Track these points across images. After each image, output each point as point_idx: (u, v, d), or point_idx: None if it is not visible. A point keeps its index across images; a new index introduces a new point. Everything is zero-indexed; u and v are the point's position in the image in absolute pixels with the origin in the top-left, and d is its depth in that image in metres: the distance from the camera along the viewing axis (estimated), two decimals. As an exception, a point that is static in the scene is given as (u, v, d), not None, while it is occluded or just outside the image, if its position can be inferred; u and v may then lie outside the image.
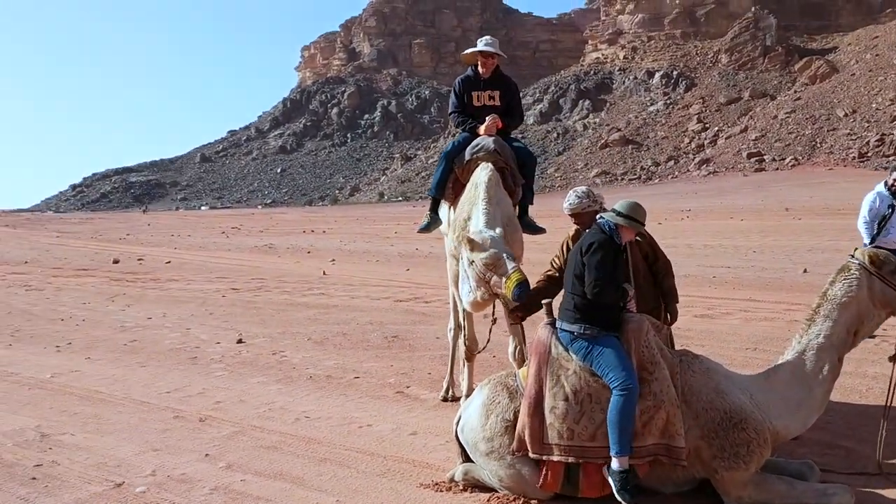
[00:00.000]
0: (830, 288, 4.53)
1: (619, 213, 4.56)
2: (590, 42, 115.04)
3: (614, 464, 4.33)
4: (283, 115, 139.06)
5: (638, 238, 5.16)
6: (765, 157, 78.64)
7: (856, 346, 4.56)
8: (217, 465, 5.50)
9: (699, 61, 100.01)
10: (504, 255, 5.24)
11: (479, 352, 6.26)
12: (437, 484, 4.92)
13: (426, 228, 7.21)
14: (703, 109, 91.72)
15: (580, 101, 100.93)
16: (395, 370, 8.19)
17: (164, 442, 6.07)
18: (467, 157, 6.67)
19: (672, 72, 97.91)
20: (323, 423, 6.43)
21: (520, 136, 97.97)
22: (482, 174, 6.38)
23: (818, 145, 77.02)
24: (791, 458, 4.79)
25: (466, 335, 6.67)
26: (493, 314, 5.90)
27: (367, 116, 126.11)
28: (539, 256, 8.92)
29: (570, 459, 4.43)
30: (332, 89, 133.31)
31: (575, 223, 5.36)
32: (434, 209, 7.16)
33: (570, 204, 5.30)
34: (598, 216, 4.74)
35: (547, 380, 4.56)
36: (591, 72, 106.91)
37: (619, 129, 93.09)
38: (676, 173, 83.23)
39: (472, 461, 4.91)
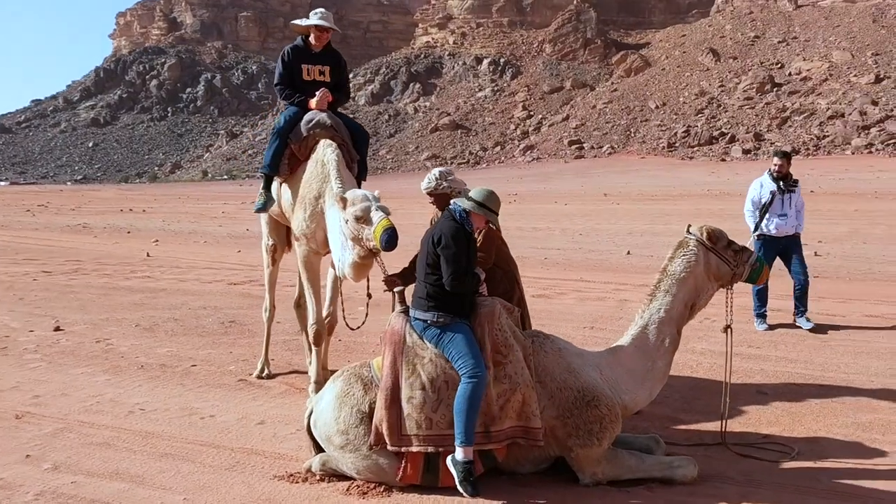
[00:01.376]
0: (670, 264, 4.70)
1: (470, 199, 4.48)
2: (420, 25, 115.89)
3: (458, 454, 4.26)
4: (96, 86, 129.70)
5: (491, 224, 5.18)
6: (584, 144, 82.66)
7: (692, 319, 4.77)
8: (41, 466, 4.97)
9: (525, 50, 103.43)
10: (373, 205, 5.11)
11: (356, 328, 6.02)
12: (291, 475, 4.69)
13: (263, 208, 6.91)
14: (528, 97, 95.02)
15: (411, 84, 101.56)
16: (235, 357, 7.80)
17: (-26, 444, 5.41)
18: (304, 132, 6.51)
19: (499, 59, 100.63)
20: (160, 416, 5.98)
21: (351, 115, 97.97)
22: (328, 152, 6.27)
23: (632, 135, 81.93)
24: (637, 434, 4.98)
25: (314, 314, 6.46)
26: (368, 289, 5.72)
27: (189, 90, 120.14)
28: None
29: (430, 449, 4.34)
30: (150, 60, 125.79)
31: (431, 202, 5.39)
32: (268, 187, 6.89)
33: (424, 184, 5.36)
34: (451, 201, 4.63)
35: (403, 369, 4.44)
36: (422, 55, 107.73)
37: (449, 114, 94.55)
38: (503, 158, 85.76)
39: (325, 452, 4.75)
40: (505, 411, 4.36)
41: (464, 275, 4.34)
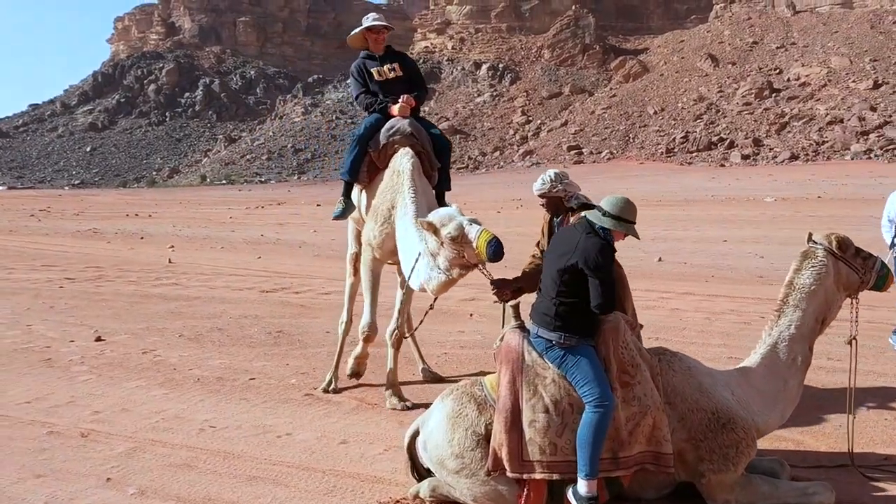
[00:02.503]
0: (797, 277, 4.42)
1: (607, 215, 4.14)
2: (419, 30, 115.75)
3: (581, 487, 4.00)
4: (94, 90, 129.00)
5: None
6: (583, 150, 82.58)
7: (822, 333, 4.52)
8: (126, 491, 4.70)
9: (524, 55, 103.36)
10: (464, 221, 4.90)
11: (409, 335, 5.90)
12: (398, 501, 4.44)
13: (342, 215, 6.81)
14: (527, 102, 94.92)
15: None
16: (294, 369, 7.53)
17: (46, 465, 5.14)
18: (383, 140, 6.41)
19: (498, 64, 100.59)
20: (234, 434, 5.72)
21: (349, 121, 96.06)
22: (404, 161, 6.17)
23: (631, 140, 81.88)
24: (759, 456, 4.74)
25: (368, 316, 6.52)
26: (434, 301, 5.49)
27: (187, 95, 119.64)
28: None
29: (555, 476, 4.07)
30: (149, 64, 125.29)
31: (543, 205, 5.21)
32: (347, 194, 6.77)
33: (538, 185, 5.13)
34: (584, 215, 4.31)
35: (523, 390, 4.16)
36: (421, 60, 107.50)
37: (448, 119, 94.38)
38: (502, 163, 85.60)
39: (425, 476, 4.50)
40: (634, 436, 4.10)
41: (614, 296, 4.10)
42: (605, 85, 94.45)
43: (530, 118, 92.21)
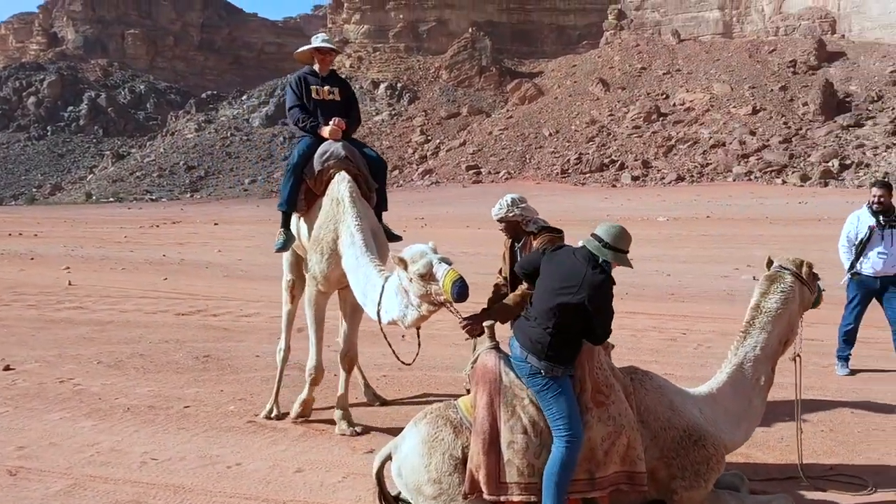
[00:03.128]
0: (764, 300, 4.59)
1: (608, 247, 4.11)
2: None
3: None
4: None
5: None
6: (482, 169, 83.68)
7: (783, 354, 4.70)
8: (74, 531, 4.41)
9: (422, 76, 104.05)
10: (434, 259, 4.82)
11: (409, 363, 5.74)
12: (371, 530, 4.34)
13: (284, 247, 6.62)
14: (426, 122, 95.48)
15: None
16: (230, 396, 7.26)
17: (-23, 507, 4.77)
18: (317, 166, 6.32)
19: (396, 84, 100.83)
20: (179, 466, 5.46)
21: (245, 138, 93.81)
22: (341, 188, 6.10)
23: (528, 161, 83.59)
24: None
25: (314, 358, 6.34)
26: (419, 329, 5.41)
27: (71, 108, 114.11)
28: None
29: (532, 498, 4.05)
30: (28, 76, 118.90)
31: (502, 229, 5.25)
32: (286, 224, 6.62)
33: (495, 210, 5.19)
34: (582, 244, 4.22)
35: (501, 411, 4.13)
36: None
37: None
38: (401, 182, 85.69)
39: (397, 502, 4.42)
40: (609, 455, 4.13)
41: (611, 327, 4.13)
42: (502, 106, 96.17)
43: (429, 137, 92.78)
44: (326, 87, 6.68)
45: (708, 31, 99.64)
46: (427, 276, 4.75)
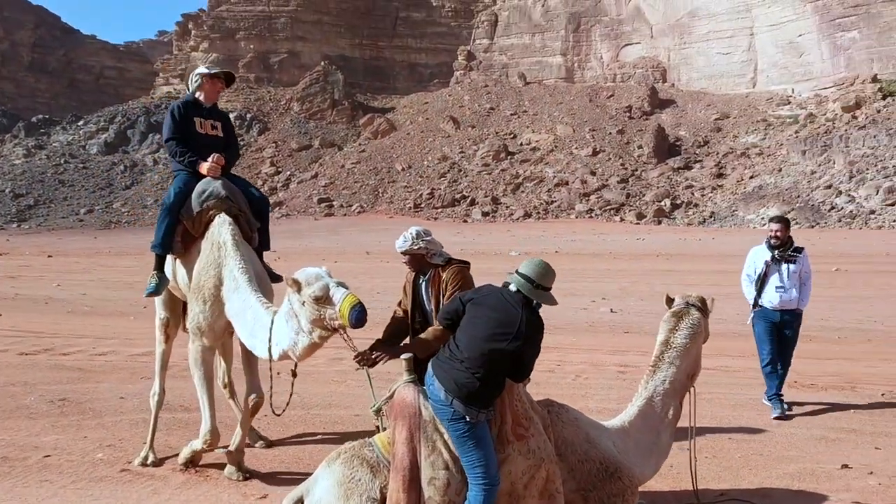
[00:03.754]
0: (672, 336, 4.71)
1: (540, 287, 4.13)
2: (161, 75, 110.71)
3: None
4: None
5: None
6: (334, 202, 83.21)
7: (689, 388, 4.81)
8: None
9: (272, 107, 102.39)
10: (331, 283, 4.63)
11: (280, 413, 5.37)
12: (280, 582, 4.06)
13: (155, 291, 6.17)
14: (277, 153, 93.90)
15: (150, 135, 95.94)
16: (95, 442, 6.67)
17: None
18: (196, 207, 5.97)
19: (246, 114, 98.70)
20: (50, 523, 4.92)
21: (81, 165, 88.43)
22: (223, 232, 5.78)
23: (381, 195, 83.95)
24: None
25: (208, 422, 5.82)
26: (295, 367, 5.15)
27: None
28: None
29: None
30: None
31: (406, 262, 5.20)
32: (160, 267, 6.20)
33: (399, 243, 5.13)
34: (509, 283, 4.22)
35: (421, 447, 4.03)
36: (163, 105, 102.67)
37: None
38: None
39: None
40: (528, 489, 4.10)
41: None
42: (355, 140, 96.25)
43: (280, 169, 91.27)
44: (210, 122, 6.37)
45: (552, 76, 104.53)
46: (322, 300, 4.56)
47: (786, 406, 7.61)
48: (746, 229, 60.03)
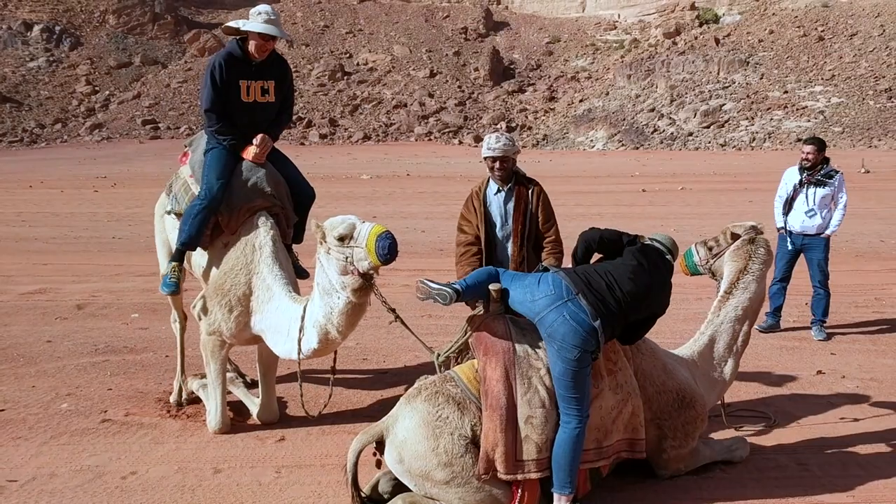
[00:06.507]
0: (751, 262, 4.70)
1: (671, 251, 4.32)
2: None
3: (561, 502, 3.90)
4: None
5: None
6: (160, 124, 78.36)
7: (758, 314, 4.83)
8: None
9: (84, 19, 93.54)
10: (357, 222, 4.19)
11: (315, 415, 4.98)
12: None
13: (176, 290, 5.35)
14: (93, 71, 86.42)
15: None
16: (49, 392, 5.98)
17: None
18: (238, 203, 5.14)
19: (54, 27, 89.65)
20: (58, 485, 4.40)
21: None
22: (262, 234, 5.03)
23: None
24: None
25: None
26: (334, 363, 4.78)
27: None
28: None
29: (546, 474, 3.87)
30: None
31: (496, 168, 4.97)
32: (180, 259, 5.33)
33: (495, 146, 4.90)
34: (648, 240, 4.32)
35: (517, 384, 3.86)
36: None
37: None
38: (66, 137, 77.08)
39: (366, 497, 4.00)
40: (616, 424, 4.08)
41: None
42: (180, 58, 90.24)
43: (97, 88, 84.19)
44: (260, 84, 5.31)
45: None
46: (347, 237, 4.14)
47: (774, 323, 7.77)
48: (578, 151, 62.56)
